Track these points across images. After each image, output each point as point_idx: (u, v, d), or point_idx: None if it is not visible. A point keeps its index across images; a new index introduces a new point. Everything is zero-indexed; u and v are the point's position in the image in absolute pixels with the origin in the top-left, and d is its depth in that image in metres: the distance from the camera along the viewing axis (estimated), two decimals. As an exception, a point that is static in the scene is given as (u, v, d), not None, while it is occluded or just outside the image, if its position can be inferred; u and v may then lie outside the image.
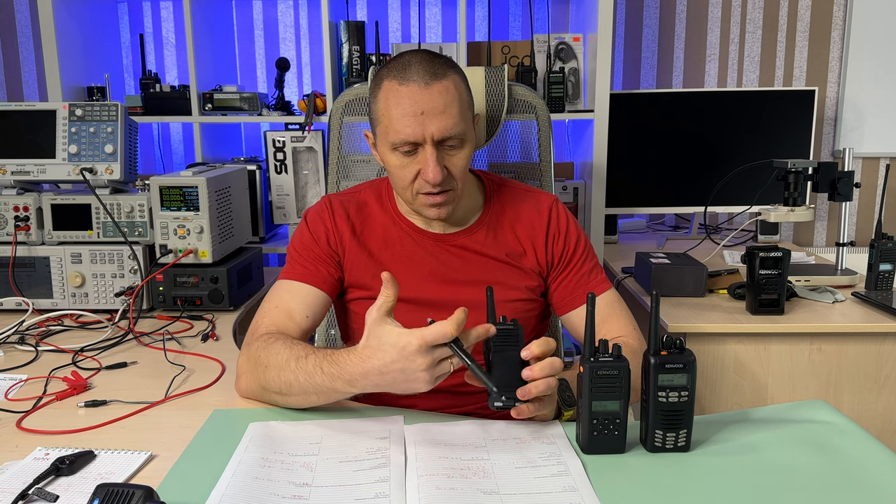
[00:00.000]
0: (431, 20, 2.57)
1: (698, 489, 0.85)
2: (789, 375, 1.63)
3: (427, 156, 1.12)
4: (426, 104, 1.10)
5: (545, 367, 0.93)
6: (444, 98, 1.11)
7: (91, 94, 2.28)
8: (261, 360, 1.07)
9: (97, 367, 1.29)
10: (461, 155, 1.16)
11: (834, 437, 0.97)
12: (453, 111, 1.12)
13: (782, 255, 1.60)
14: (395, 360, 0.90)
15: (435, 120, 1.11)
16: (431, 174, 1.12)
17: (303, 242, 1.26)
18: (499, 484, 0.85)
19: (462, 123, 1.14)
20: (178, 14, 2.55)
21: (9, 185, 1.67)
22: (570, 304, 1.27)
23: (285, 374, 1.03)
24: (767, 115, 2.33)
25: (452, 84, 1.13)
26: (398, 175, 1.17)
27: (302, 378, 1.01)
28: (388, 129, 1.14)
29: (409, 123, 1.11)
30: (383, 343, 0.91)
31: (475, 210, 1.29)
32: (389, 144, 1.14)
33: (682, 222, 2.68)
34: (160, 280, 1.64)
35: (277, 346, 1.07)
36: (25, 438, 1.01)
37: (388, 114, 1.13)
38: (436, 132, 1.11)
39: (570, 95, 2.26)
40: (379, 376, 0.93)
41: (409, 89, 1.11)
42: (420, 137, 1.11)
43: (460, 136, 1.14)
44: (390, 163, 1.17)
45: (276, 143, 2.22)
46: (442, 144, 1.13)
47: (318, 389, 1.00)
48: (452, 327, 0.88)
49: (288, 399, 1.06)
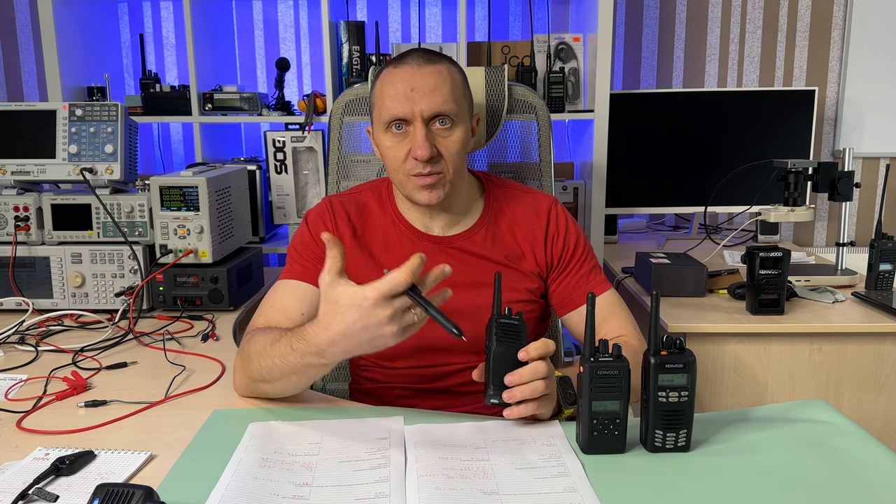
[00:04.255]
0: (431, 20, 2.57)
1: (698, 489, 0.85)
2: (789, 375, 1.63)
3: (416, 132, 1.14)
4: (417, 82, 1.14)
5: (526, 373, 0.94)
6: (435, 78, 1.15)
7: (91, 94, 2.28)
8: (245, 353, 1.08)
9: (97, 367, 1.29)
10: (452, 138, 1.17)
11: (834, 437, 0.97)
12: (444, 90, 1.15)
13: (782, 255, 1.60)
14: (356, 320, 0.88)
15: (425, 97, 1.13)
16: (420, 150, 1.13)
17: (303, 242, 1.26)
18: (499, 484, 0.85)
19: (453, 104, 1.16)
20: (178, 14, 2.55)
21: (9, 185, 1.67)
22: (570, 305, 1.27)
23: (264, 359, 1.02)
24: (767, 115, 2.33)
25: (446, 69, 1.17)
26: (390, 156, 1.18)
27: (278, 360, 1.00)
28: (381, 109, 1.17)
29: (400, 101, 1.14)
30: (340, 305, 0.89)
31: (475, 212, 1.29)
32: (382, 124, 1.17)
33: (682, 222, 2.68)
34: (160, 280, 1.64)
35: (258, 335, 1.07)
36: (25, 438, 1.01)
37: (382, 94, 1.17)
38: (425, 108, 1.13)
39: (570, 95, 2.26)
40: (345, 340, 0.90)
41: (402, 70, 1.16)
42: (409, 113, 1.14)
43: (451, 116, 1.16)
44: (383, 144, 1.18)
45: (276, 143, 2.22)
46: (433, 123, 1.15)
47: (294, 369, 0.99)
48: (406, 274, 0.86)
49: (274, 386, 1.05)
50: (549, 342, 0.97)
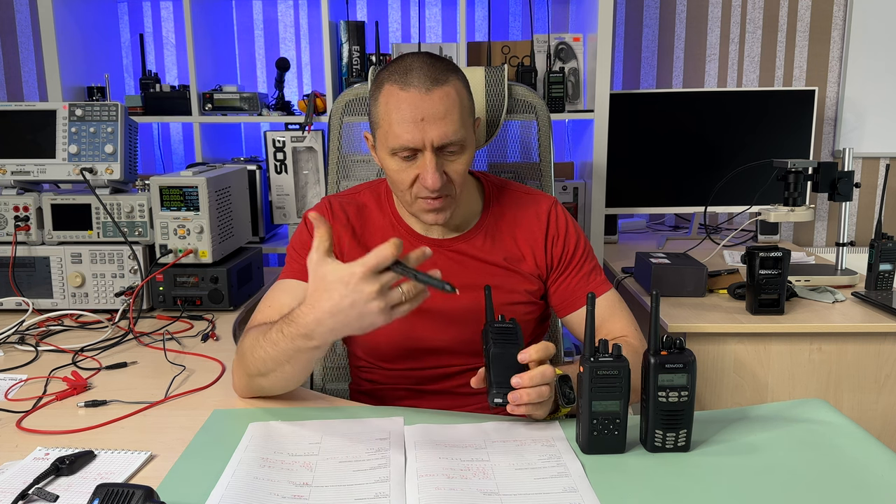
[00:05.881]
0: (431, 20, 2.57)
1: (698, 489, 0.85)
2: (789, 375, 1.63)
3: (426, 162, 1.11)
4: (426, 110, 1.09)
5: (535, 378, 0.94)
6: (444, 104, 1.10)
7: (91, 94, 2.28)
8: (241, 350, 1.09)
9: (97, 367, 1.29)
10: (461, 160, 1.15)
11: (834, 437, 0.97)
12: (454, 117, 1.11)
13: (782, 255, 1.60)
14: (343, 296, 0.89)
15: (435, 126, 1.10)
16: (430, 181, 1.11)
17: (302, 242, 1.26)
18: (499, 485, 0.85)
19: (462, 130, 1.13)
20: (178, 14, 2.55)
21: (9, 185, 1.67)
22: (570, 306, 1.27)
23: (257, 350, 1.02)
24: (767, 115, 2.33)
25: (454, 89, 1.12)
26: (397, 179, 1.16)
27: (270, 349, 1.00)
28: (387, 133, 1.13)
29: (409, 129, 1.10)
30: (328, 282, 0.90)
31: (474, 214, 1.29)
32: (389, 149, 1.13)
33: (682, 222, 2.68)
34: (160, 280, 1.64)
35: (252, 331, 1.08)
36: (25, 438, 1.01)
37: (388, 118, 1.12)
38: (436, 139, 1.10)
39: (570, 95, 2.26)
40: (332, 318, 0.91)
41: (409, 95, 1.10)
42: (420, 144, 1.10)
43: (460, 143, 1.13)
44: (389, 167, 1.16)
45: (276, 143, 2.22)
46: (442, 150, 1.12)
47: (287, 356, 0.99)
48: (391, 247, 0.89)
49: (270, 379, 1.05)
50: (550, 345, 0.97)
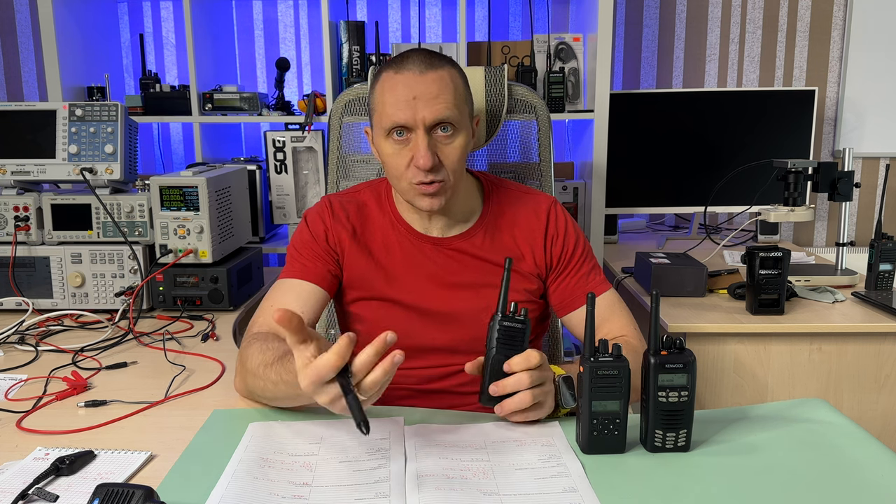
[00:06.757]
0: (431, 20, 2.57)
1: (698, 489, 0.85)
2: (789, 375, 1.63)
3: (418, 140, 1.13)
4: (419, 90, 1.12)
5: (509, 385, 0.96)
6: (437, 85, 1.12)
7: (91, 94, 2.28)
8: (243, 363, 1.09)
9: (97, 367, 1.29)
10: (454, 145, 1.16)
11: (834, 437, 0.97)
12: (447, 97, 1.13)
13: (782, 255, 1.60)
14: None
15: (427, 105, 1.11)
16: (422, 159, 1.12)
17: (302, 241, 1.26)
18: (498, 485, 0.85)
19: (455, 111, 1.14)
20: (178, 14, 2.55)
21: (9, 185, 1.67)
22: (570, 306, 1.27)
23: (258, 381, 1.04)
24: (767, 115, 2.33)
25: (448, 75, 1.15)
26: (392, 164, 1.17)
27: (271, 386, 1.01)
28: (381, 115, 1.15)
29: (402, 108, 1.12)
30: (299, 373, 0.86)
31: (474, 213, 1.29)
32: (383, 131, 1.15)
33: (682, 222, 2.68)
34: (160, 280, 1.64)
35: (253, 348, 1.07)
36: (25, 438, 1.01)
37: (383, 100, 1.14)
38: (427, 116, 1.12)
39: (570, 95, 2.26)
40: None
41: (403, 76, 1.13)
42: (411, 121, 1.12)
43: (453, 123, 1.14)
44: (384, 151, 1.17)
45: (276, 143, 2.22)
46: (434, 131, 1.14)
47: (287, 396, 1.00)
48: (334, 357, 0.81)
49: (271, 402, 1.06)
50: (533, 355, 0.96)
